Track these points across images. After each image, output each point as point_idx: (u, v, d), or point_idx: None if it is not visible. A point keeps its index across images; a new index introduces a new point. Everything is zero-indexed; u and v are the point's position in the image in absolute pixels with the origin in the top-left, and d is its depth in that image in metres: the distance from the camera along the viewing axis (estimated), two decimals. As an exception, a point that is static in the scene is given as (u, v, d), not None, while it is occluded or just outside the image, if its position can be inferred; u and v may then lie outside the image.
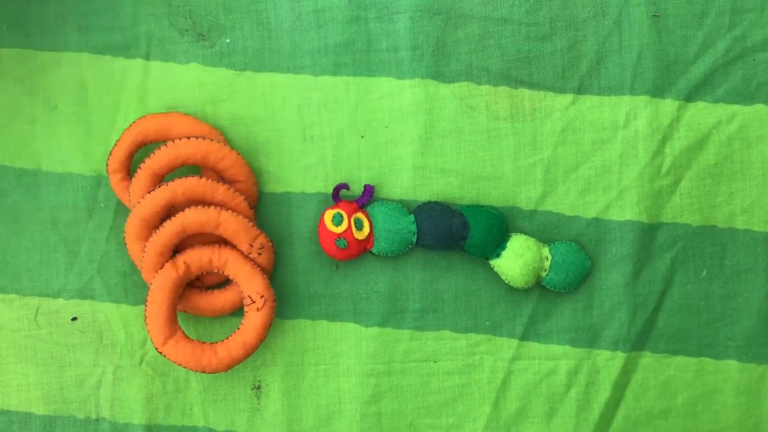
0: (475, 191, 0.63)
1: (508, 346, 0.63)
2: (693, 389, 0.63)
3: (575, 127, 0.63)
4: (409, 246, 0.61)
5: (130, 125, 0.61)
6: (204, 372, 0.59)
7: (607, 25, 0.63)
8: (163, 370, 0.63)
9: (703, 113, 0.63)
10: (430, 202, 0.62)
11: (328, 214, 0.61)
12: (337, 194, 0.62)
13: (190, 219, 0.59)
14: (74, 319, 0.63)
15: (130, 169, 0.62)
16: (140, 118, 0.61)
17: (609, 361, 0.63)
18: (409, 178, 0.63)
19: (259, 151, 0.63)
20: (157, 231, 0.59)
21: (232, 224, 0.59)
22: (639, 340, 0.63)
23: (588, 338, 0.63)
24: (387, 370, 0.63)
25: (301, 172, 0.63)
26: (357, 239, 0.61)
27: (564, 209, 0.63)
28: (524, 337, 0.63)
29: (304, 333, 0.63)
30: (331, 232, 0.61)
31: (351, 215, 0.61)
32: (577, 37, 0.63)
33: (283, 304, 0.63)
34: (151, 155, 0.59)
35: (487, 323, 0.63)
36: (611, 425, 0.63)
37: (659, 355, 0.63)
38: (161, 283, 0.59)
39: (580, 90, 0.63)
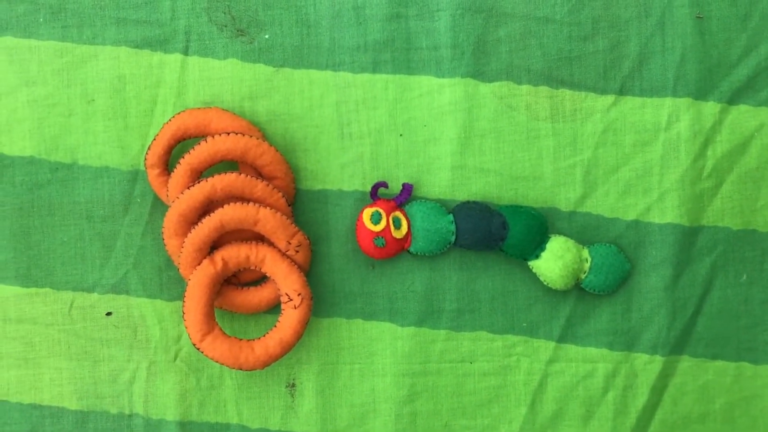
0: (513, 192, 0.63)
1: (545, 348, 0.63)
2: (731, 394, 0.63)
3: (616, 129, 0.63)
4: (448, 246, 0.61)
5: (169, 120, 0.61)
6: (241, 369, 0.59)
7: (650, 26, 0.62)
8: (198, 367, 0.63)
9: (746, 116, 0.62)
10: (468, 202, 0.62)
11: (367, 213, 0.60)
12: (376, 192, 0.61)
13: (228, 215, 0.58)
14: (109, 314, 0.63)
15: (168, 164, 0.61)
16: (179, 113, 0.61)
17: (647, 365, 0.62)
18: (447, 177, 0.63)
19: (296, 148, 0.63)
20: (196, 227, 0.59)
21: (271, 221, 0.59)
22: (678, 344, 0.63)
23: (626, 341, 0.63)
24: (422, 370, 0.63)
25: (338, 169, 0.63)
26: (395, 238, 0.60)
27: (604, 211, 0.63)
28: (561, 339, 0.63)
29: (340, 331, 0.63)
30: (369, 230, 0.60)
31: (389, 214, 0.60)
32: (620, 37, 0.62)
33: (319, 302, 0.63)
34: (191, 150, 0.59)
35: (524, 324, 0.63)
36: (648, 429, 0.63)
37: (698, 360, 0.63)
38: (199, 280, 0.59)
39: (622, 91, 0.62)
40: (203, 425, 0.63)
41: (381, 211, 0.60)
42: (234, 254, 0.59)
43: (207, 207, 0.60)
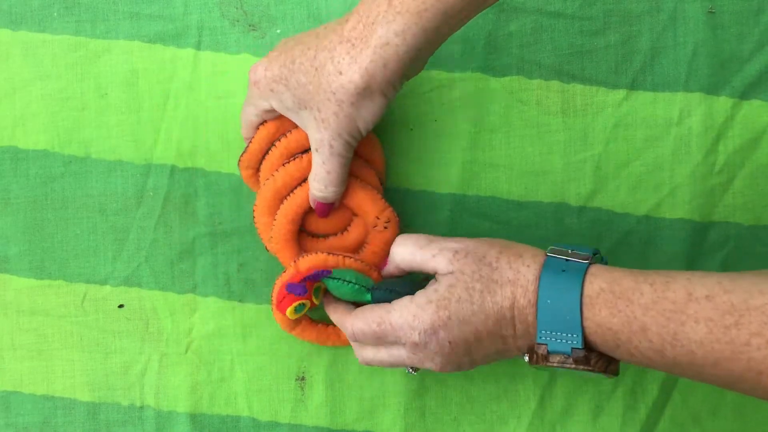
0: (523, 186, 0.63)
1: (554, 342, 0.63)
2: (742, 391, 0.62)
3: (627, 123, 0.62)
4: None
5: (265, 123, 0.58)
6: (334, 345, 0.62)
7: (661, 21, 0.62)
8: (209, 359, 0.63)
9: (758, 111, 0.62)
10: (389, 282, 0.58)
11: (290, 309, 0.58)
12: (304, 284, 0.58)
13: None
14: (121, 306, 0.64)
15: (261, 163, 0.60)
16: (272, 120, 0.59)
17: (657, 361, 0.62)
18: (458, 172, 0.63)
19: (307, 142, 0.63)
20: (288, 198, 0.58)
21: (360, 194, 0.58)
22: (688, 340, 0.62)
23: (636, 337, 0.62)
24: (432, 364, 0.63)
25: (349, 163, 0.63)
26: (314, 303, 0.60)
27: (614, 206, 0.63)
28: (571, 334, 0.63)
29: (350, 325, 0.63)
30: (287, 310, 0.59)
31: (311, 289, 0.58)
32: (631, 32, 0.62)
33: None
34: (288, 134, 0.58)
35: (534, 319, 0.63)
36: (658, 425, 0.62)
37: (708, 356, 0.62)
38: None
39: (634, 86, 0.62)
40: (214, 417, 0.63)
41: (306, 304, 0.58)
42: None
43: (299, 184, 0.59)
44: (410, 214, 0.63)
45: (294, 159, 0.58)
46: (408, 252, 0.55)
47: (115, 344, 0.64)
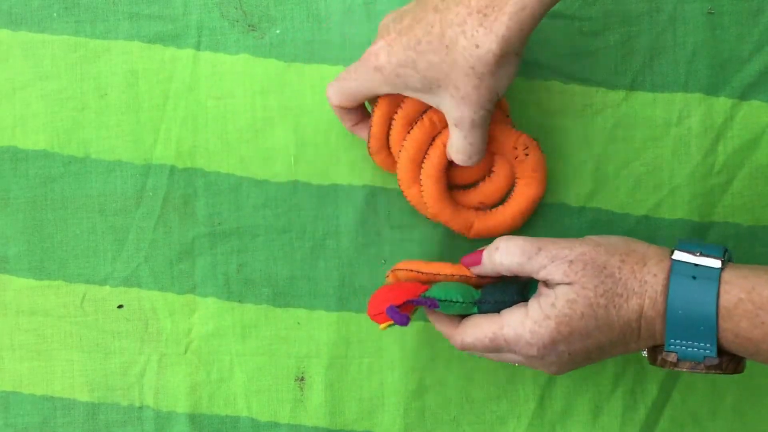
0: (523, 187, 0.63)
1: (554, 343, 0.63)
2: (741, 390, 0.62)
3: (627, 124, 0.62)
4: None
5: (377, 104, 0.58)
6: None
7: (661, 22, 0.62)
8: (208, 360, 0.63)
9: (758, 112, 0.62)
10: (494, 291, 0.55)
11: (384, 326, 0.55)
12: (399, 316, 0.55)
13: (447, 137, 0.58)
14: (120, 306, 0.64)
15: (389, 143, 0.60)
16: (380, 99, 0.58)
17: (656, 361, 0.62)
18: (458, 172, 0.63)
19: (307, 143, 0.63)
20: (425, 162, 0.58)
21: (492, 130, 0.58)
22: (687, 340, 0.62)
23: (636, 337, 0.62)
24: (431, 364, 0.63)
25: (348, 164, 0.63)
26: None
27: (613, 207, 0.63)
28: (571, 334, 0.63)
29: (349, 326, 0.63)
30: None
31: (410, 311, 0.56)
32: (631, 32, 0.62)
33: (329, 296, 0.63)
34: (402, 106, 0.58)
35: (533, 320, 0.63)
36: (657, 425, 0.62)
37: (708, 356, 0.62)
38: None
39: (633, 86, 0.62)
40: (213, 418, 0.63)
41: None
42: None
43: (430, 144, 0.59)
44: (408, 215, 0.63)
45: (416, 125, 0.58)
46: (514, 262, 0.52)
47: (114, 344, 0.64)
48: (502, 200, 0.61)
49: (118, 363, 0.64)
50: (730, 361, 0.50)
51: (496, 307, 0.54)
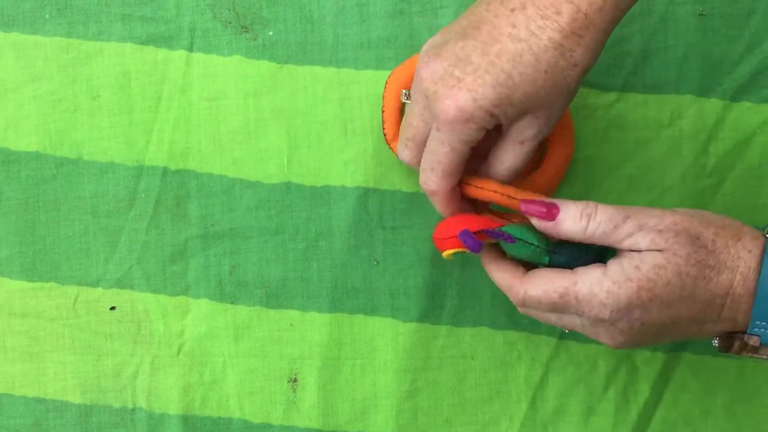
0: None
1: (546, 344, 0.63)
2: (733, 391, 0.63)
3: (619, 125, 0.63)
4: None
5: (386, 89, 0.58)
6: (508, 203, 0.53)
7: (652, 24, 0.62)
8: (201, 361, 0.63)
9: (749, 113, 0.62)
10: (570, 245, 0.52)
11: (450, 252, 0.54)
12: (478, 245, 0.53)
13: None
14: (113, 308, 0.64)
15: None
16: (388, 78, 0.58)
17: (648, 362, 0.62)
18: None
19: (299, 144, 0.63)
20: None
21: None
22: (679, 341, 0.62)
23: (628, 338, 0.63)
24: (424, 365, 0.63)
25: (341, 165, 0.63)
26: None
27: (605, 208, 0.63)
28: (563, 335, 0.63)
29: (342, 327, 0.63)
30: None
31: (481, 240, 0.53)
32: (623, 34, 0.62)
33: (321, 297, 0.63)
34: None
35: (526, 321, 0.63)
36: (649, 426, 0.63)
37: (699, 356, 0.63)
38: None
39: (625, 88, 0.63)
40: (205, 419, 0.63)
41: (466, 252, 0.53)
42: None
43: None
44: (407, 214, 0.63)
45: None
46: (599, 230, 0.49)
47: (107, 346, 0.64)
48: (535, 167, 0.61)
49: (111, 365, 0.64)
50: None
51: (569, 263, 0.50)
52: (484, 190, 0.53)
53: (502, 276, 0.52)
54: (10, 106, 0.64)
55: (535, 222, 0.51)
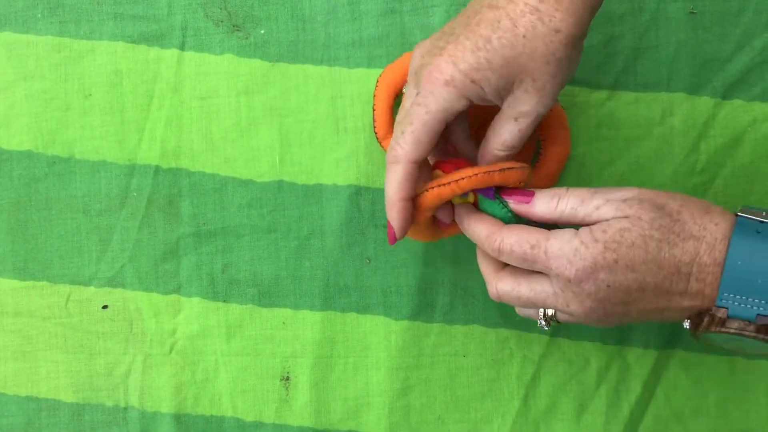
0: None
1: (538, 342, 0.63)
2: (724, 388, 0.63)
3: (610, 123, 0.63)
4: None
5: (377, 86, 0.58)
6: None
7: (643, 22, 0.63)
8: (193, 360, 0.63)
9: (739, 111, 0.63)
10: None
11: (437, 172, 0.54)
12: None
13: None
14: (105, 307, 0.64)
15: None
16: (380, 77, 0.57)
17: (640, 359, 0.63)
18: (442, 171, 0.63)
19: (291, 143, 0.63)
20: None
21: None
22: (671, 338, 0.63)
23: (619, 335, 0.63)
24: (416, 363, 0.63)
25: (333, 164, 0.63)
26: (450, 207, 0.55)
27: (597, 205, 0.63)
28: (555, 333, 0.63)
29: (334, 325, 0.63)
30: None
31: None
32: (614, 32, 0.63)
33: (314, 296, 0.63)
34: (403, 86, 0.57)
35: (517, 318, 0.63)
36: (641, 423, 0.63)
37: (691, 354, 0.63)
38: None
39: (616, 86, 0.63)
40: (198, 418, 0.63)
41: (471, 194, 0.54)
42: None
43: None
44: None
45: None
46: (568, 206, 0.50)
47: (99, 345, 0.64)
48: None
49: (103, 364, 0.64)
50: None
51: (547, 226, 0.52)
52: (462, 179, 0.52)
53: (482, 226, 0.53)
54: (1, 105, 0.64)
55: (512, 204, 0.52)
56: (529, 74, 0.50)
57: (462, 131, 0.56)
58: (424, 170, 0.54)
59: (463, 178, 0.51)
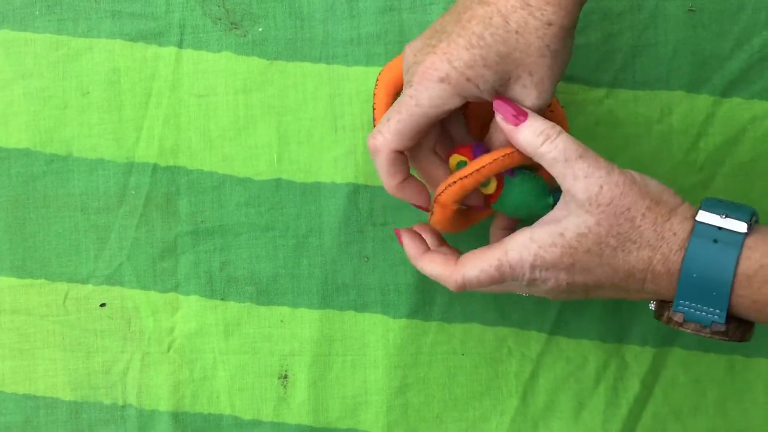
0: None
1: (536, 340, 0.63)
2: (723, 387, 0.63)
3: (609, 121, 0.63)
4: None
5: (377, 85, 0.57)
6: None
7: (642, 20, 0.62)
8: (191, 358, 0.63)
9: (738, 109, 0.62)
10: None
11: (454, 158, 0.54)
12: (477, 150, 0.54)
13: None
14: (103, 305, 0.64)
15: None
16: (379, 75, 0.57)
17: (638, 357, 0.63)
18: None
19: (289, 141, 0.63)
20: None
21: None
22: (669, 336, 0.63)
23: (618, 333, 0.63)
24: (414, 361, 0.63)
25: (331, 162, 0.63)
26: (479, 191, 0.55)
27: (595, 204, 0.63)
28: (553, 331, 0.63)
29: (332, 323, 0.63)
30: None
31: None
32: (612, 30, 0.62)
33: (312, 294, 0.63)
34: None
35: (516, 317, 0.63)
36: (640, 421, 0.63)
37: (689, 352, 0.63)
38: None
39: (614, 84, 0.63)
40: (196, 416, 0.63)
41: (468, 162, 0.53)
42: None
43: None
44: (394, 208, 0.63)
45: None
46: (550, 155, 0.49)
47: (97, 343, 0.64)
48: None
49: (101, 362, 0.64)
50: (737, 328, 0.49)
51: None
52: (482, 167, 0.51)
53: (434, 267, 0.53)
54: (0, 103, 0.64)
55: (500, 120, 0.51)
56: (525, 69, 0.49)
57: (460, 128, 0.56)
58: (427, 153, 0.54)
59: (483, 166, 0.51)
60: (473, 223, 0.58)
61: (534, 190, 0.53)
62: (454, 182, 0.51)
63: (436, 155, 0.54)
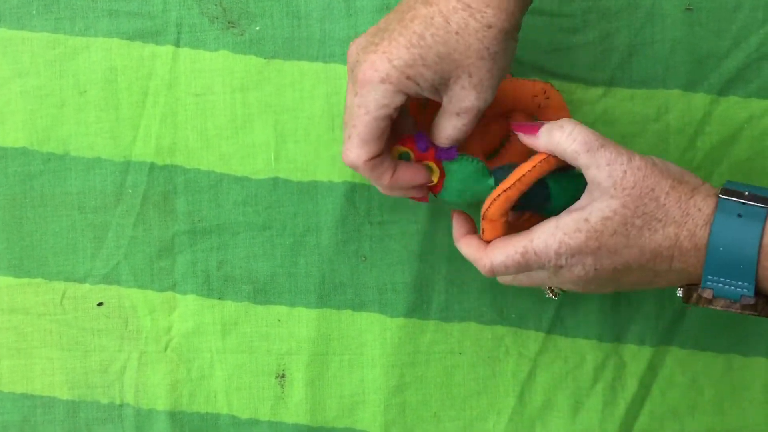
0: (503, 183, 0.63)
1: (534, 339, 0.63)
2: (720, 386, 0.63)
3: (606, 120, 0.63)
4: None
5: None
6: None
7: (639, 18, 0.62)
8: (188, 357, 0.63)
9: (736, 108, 0.62)
10: (511, 165, 0.55)
11: (395, 150, 0.55)
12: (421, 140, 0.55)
13: None
14: (100, 304, 0.64)
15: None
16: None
17: (636, 356, 0.63)
18: (437, 168, 0.63)
19: (287, 140, 0.63)
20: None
21: (507, 85, 0.57)
22: (666, 335, 0.63)
23: (615, 332, 0.63)
24: (411, 361, 0.63)
25: (329, 161, 0.63)
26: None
27: (593, 202, 0.63)
28: (551, 330, 0.63)
29: (329, 323, 0.63)
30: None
31: (420, 159, 0.55)
32: (609, 29, 0.62)
33: (309, 293, 0.63)
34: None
35: (513, 316, 0.63)
36: (637, 420, 0.63)
37: (687, 351, 0.63)
38: None
39: (612, 83, 0.63)
40: (193, 415, 0.63)
41: (411, 153, 0.55)
42: None
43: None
44: (394, 207, 0.63)
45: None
46: (571, 149, 0.50)
47: (94, 342, 0.64)
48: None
49: (98, 361, 0.63)
50: (766, 303, 0.49)
51: (506, 174, 0.53)
52: (523, 176, 0.52)
53: (470, 249, 0.54)
54: (-4, 101, 0.64)
55: (522, 139, 0.53)
56: (464, 70, 0.50)
57: (407, 123, 0.56)
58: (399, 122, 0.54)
59: (524, 175, 0.52)
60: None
61: (474, 173, 0.54)
62: (498, 195, 0.52)
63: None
